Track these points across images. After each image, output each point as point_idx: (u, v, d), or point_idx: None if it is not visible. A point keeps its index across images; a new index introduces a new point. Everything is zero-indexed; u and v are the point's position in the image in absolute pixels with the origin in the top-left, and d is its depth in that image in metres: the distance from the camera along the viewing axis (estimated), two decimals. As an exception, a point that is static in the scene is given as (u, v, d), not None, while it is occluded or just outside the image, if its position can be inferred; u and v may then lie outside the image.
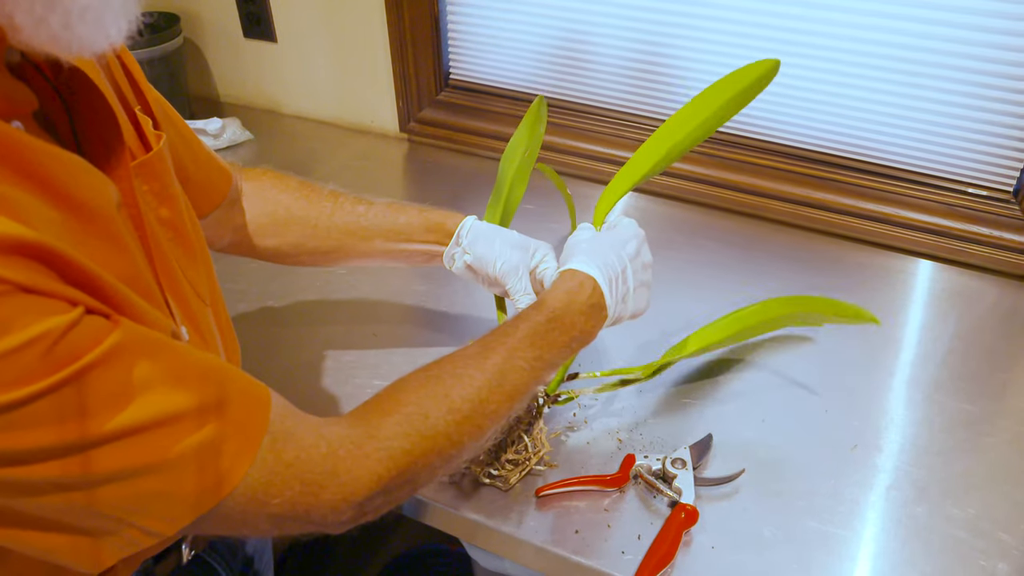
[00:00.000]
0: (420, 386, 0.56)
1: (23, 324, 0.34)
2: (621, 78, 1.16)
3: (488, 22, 1.19)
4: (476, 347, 0.60)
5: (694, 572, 0.65)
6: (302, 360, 0.88)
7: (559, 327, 0.62)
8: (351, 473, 0.49)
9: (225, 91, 1.46)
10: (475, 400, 0.56)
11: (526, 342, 0.60)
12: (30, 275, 0.35)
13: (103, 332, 0.38)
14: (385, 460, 0.50)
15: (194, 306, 0.54)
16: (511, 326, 0.61)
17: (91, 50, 0.39)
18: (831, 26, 0.99)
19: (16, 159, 0.37)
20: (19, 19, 0.36)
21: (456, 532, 0.74)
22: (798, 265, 1.04)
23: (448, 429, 0.54)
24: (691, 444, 0.75)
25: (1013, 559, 0.67)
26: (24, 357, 0.34)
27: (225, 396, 0.43)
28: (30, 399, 0.35)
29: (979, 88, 0.96)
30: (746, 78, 0.74)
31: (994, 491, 0.73)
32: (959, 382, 0.85)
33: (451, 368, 0.57)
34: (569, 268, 0.65)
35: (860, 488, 0.73)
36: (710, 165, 1.13)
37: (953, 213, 1.03)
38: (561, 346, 0.62)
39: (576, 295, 0.63)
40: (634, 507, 0.71)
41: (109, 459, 0.38)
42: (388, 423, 0.52)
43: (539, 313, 0.62)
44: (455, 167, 1.27)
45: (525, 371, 0.59)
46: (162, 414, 0.40)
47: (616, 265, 0.66)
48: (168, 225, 0.52)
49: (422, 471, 0.53)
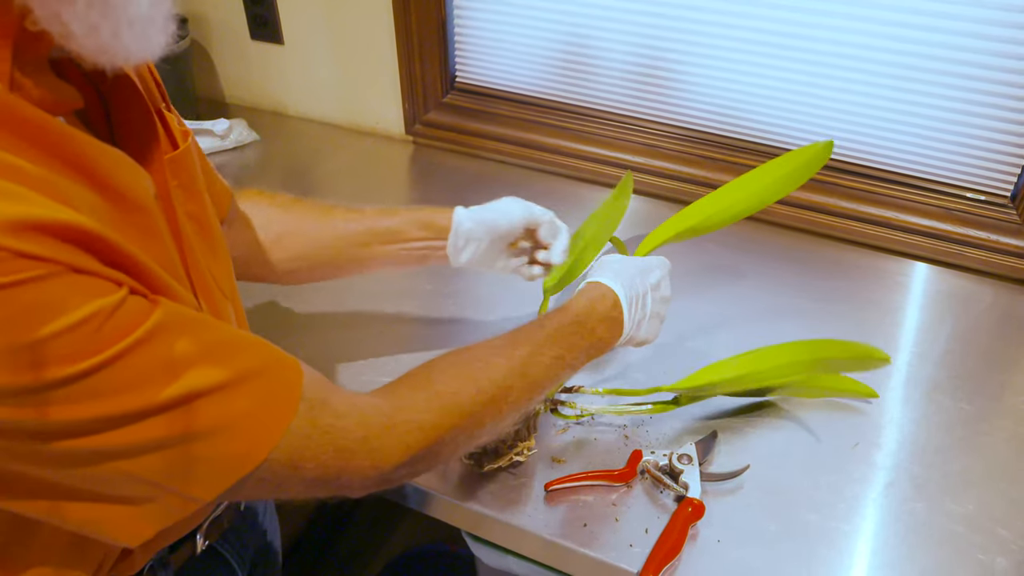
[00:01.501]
0: (450, 366, 0.59)
1: (76, 304, 0.36)
2: (625, 82, 1.17)
3: (494, 26, 1.20)
4: (505, 339, 0.63)
5: (700, 565, 0.67)
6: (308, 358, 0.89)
7: (580, 331, 0.66)
8: (381, 441, 0.51)
9: (231, 92, 1.48)
10: (500, 385, 0.58)
11: (551, 340, 0.63)
12: (78, 256, 0.37)
13: (146, 311, 0.40)
14: (414, 431, 0.53)
15: (217, 300, 0.55)
16: (538, 324, 0.65)
17: (134, 59, 0.41)
18: (831, 32, 1.01)
19: (64, 150, 0.39)
20: (74, 27, 0.38)
21: (465, 525, 0.75)
22: (798, 267, 1.06)
23: (473, 408, 0.57)
24: (696, 441, 0.76)
25: (1011, 554, 0.69)
26: (78, 334, 0.36)
27: (261, 365, 0.45)
28: (84, 374, 0.37)
29: (977, 94, 0.98)
30: (799, 158, 0.81)
31: (992, 488, 0.75)
32: (957, 382, 0.87)
33: (480, 353, 0.60)
34: (595, 280, 0.70)
35: (861, 484, 0.75)
36: (710, 168, 1.15)
37: (951, 217, 1.05)
38: (581, 349, 0.66)
39: (598, 304, 0.68)
40: (641, 502, 0.72)
41: (157, 428, 0.40)
42: (419, 397, 0.55)
43: (564, 315, 0.66)
44: (460, 169, 1.28)
45: (547, 367, 0.62)
46: (204, 385, 0.42)
47: (639, 287, 0.70)
48: (195, 220, 0.54)
49: (446, 446, 0.56)
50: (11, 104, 0.37)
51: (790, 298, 0.99)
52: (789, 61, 1.05)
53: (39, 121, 0.38)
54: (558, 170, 1.24)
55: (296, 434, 0.46)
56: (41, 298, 0.35)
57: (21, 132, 0.37)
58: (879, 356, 0.83)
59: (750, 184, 0.82)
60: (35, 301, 0.35)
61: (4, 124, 0.36)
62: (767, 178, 0.81)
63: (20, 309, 0.35)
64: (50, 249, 0.36)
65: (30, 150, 0.37)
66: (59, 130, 0.39)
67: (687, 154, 1.17)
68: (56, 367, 0.36)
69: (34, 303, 0.35)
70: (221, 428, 0.43)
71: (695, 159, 1.16)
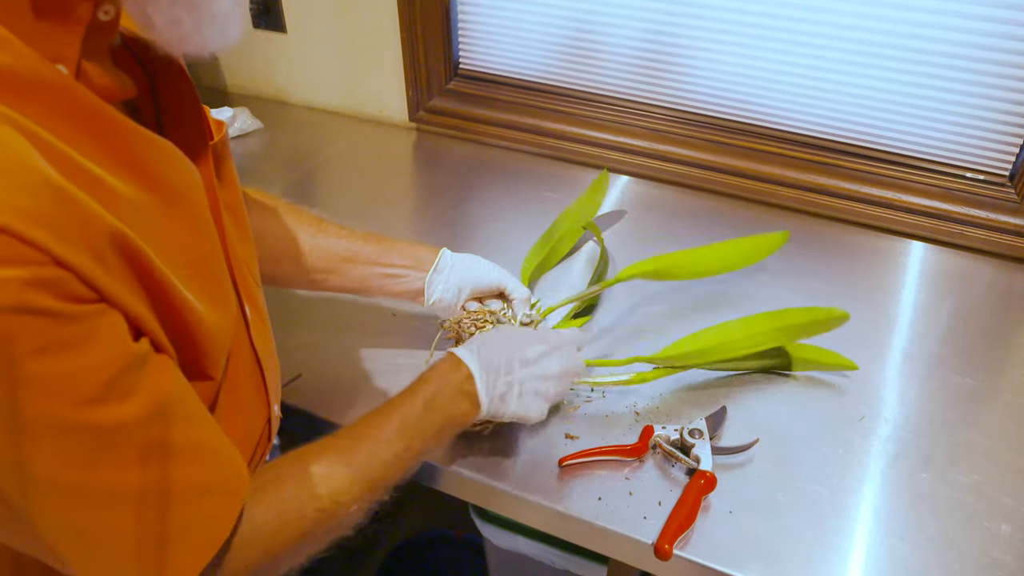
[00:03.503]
0: (293, 483, 0.55)
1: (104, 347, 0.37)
2: (628, 67, 1.18)
3: (497, 12, 1.21)
4: (346, 437, 0.60)
5: (713, 535, 0.68)
6: (322, 339, 0.90)
7: (430, 415, 0.63)
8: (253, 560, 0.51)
9: (233, 81, 1.48)
10: (337, 496, 0.56)
11: (397, 433, 0.61)
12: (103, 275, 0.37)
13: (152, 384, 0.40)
14: (263, 556, 0.52)
15: (252, 288, 0.56)
16: (384, 415, 0.62)
17: (210, 50, 0.43)
18: (833, 16, 1.02)
19: (117, 141, 0.39)
20: (157, 20, 0.39)
21: (479, 500, 0.76)
22: (800, 248, 1.07)
23: (315, 529, 0.55)
24: (706, 416, 0.78)
25: (1015, 520, 0.70)
26: (93, 378, 0.37)
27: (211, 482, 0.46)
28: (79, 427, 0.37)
29: (977, 75, 0.99)
30: (760, 242, 0.86)
31: (996, 458, 0.76)
32: (960, 356, 0.88)
33: (319, 457, 0.57)
34: (452, 351, 0.69)
35: (868, 456, 0.76)
36: (715, 152, 1.16)
37: (951, 197, 1.06)
38: (432, 434, 0.64)
39: (448, 378, 0.66)
40: (653, 475, 0.74)
41: (104, 513, 0.40)
42: (258, 514, 0.52)
43: (414, 401, 0.64)
44: (463, 155, 1.29)
45: (391, 464, 0.60)
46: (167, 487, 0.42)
47: (500, 361, 0.68)
48: (229, 208, 0.55)
49: (283, 562, 0.54)
50: (77, 93, 0.38)
51: (792, 278, 1.01)
52: (791, 44, 1.06)
53: (98, 111, 0.39)
54: (562, 155, 1.25)
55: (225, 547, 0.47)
56: (80, 335, 0.36)
57: (81, 122, 0.38)
58: (838, 315, 0.83)
59: (717, 253, 0.93)
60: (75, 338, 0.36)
61: (67, 113, 0.37)
62: (730, 252, 0.94)
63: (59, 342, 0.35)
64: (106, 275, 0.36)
65: (85, 140, 0.38)
66: (115, 120, 0.40)
67: (691, 138, 1.18)
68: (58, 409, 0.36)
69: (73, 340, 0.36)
70: (163, 536, 0.43)
71: (699, 143, 1.17)
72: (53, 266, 0.34)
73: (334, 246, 0.78)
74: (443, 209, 1.14)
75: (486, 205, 1.16)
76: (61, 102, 0.37)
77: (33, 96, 0.36)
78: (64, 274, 0.34)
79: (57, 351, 0.35)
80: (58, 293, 0.34)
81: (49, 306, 0.34)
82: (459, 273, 0.81)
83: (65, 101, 0.37)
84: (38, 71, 0.36)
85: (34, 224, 0.33)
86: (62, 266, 0.34)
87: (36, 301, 0.33)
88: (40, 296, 0.33)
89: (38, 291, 0.33)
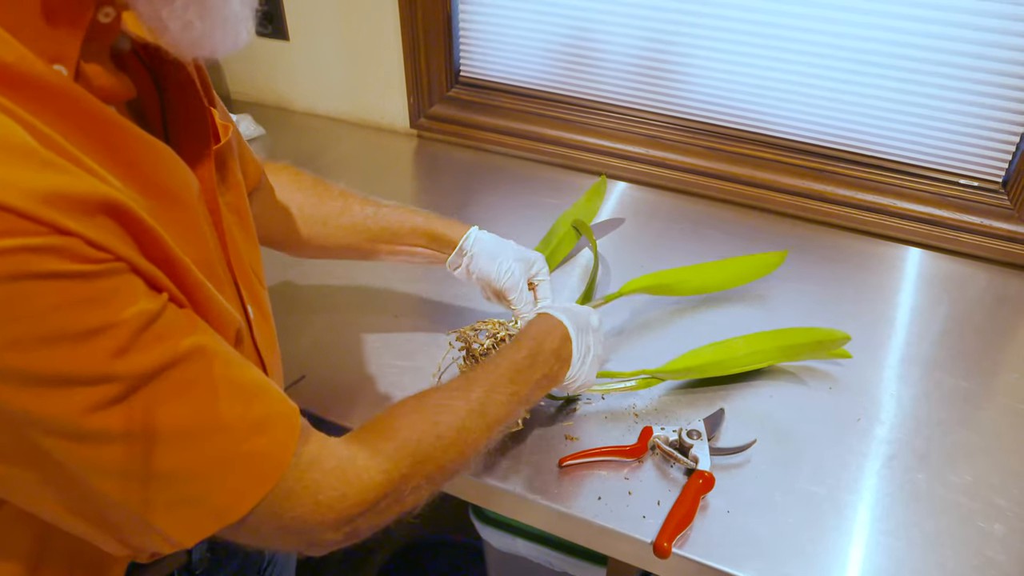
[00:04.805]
0: (413, 412, 0.58)
1: (126, 302, 0.38)
2: (627, 74, 1.20)
3: (498, 20, 1.23)
4: (461, 380, 0.64)
5: (712, 534, 0.69)
6: (326, 341, 0.91)
7: (533, 364, 0.67)
8: (356, 491, 0.51)
9: (235, 88, 1.49)
10: (460, 429, 0.59)
11: (506, 377, 0.64)
12: (131, 249, 0.38)
13: (183, 328, 0.41)
14: (383, 484, 0.52)
15: (255, 288, 0.57)
16: (493, 362, 0.66)
17: (220, 53, 0.43)
18: (828, 24, 1.04)
19: (114, 142, 0.40)
20: (171, 24, 0.40)
21: (480, 500, 0.77)
22: (797, 254, 1.08)
23: (436, 454, 0.57)
24: (705, 417, 0.79)
25: (1007, 520, 0.71)
26: (121, 332, 0.37)
27: (266, 415, 0.46)
28: (116, 378, 0.38)
29: (970, 83, 1.01)
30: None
31: (989, 459, 0.77)
32: (955, 359, 0.90)
33: (439, 398, 0.60)
34: (544, 312, 0.72)
35: (864, 457, 0.77)
36: (712, 158, 1.18)
37: (945, 203, 1.08)
38: (534, 383, 0.67)
39: (548, 337, 0.69)
40: (652, 475, 0.75)
41: (160, 457, 0.41)
42: (387, 448, 0.54)
43: (518, 351, 0.67)
44: (464, 162, 1.30)
45: (503, 404, 0.63)
46: (214, 423, 0.43)
47: (583, 322, 0.73)
48: (233, 210, 0.56)
49: (410, 493, 0.56)
50: (75, 94, 0.38)
51: (791, 282, 1.02)
52: (787, 54, 1.08)
53: (96, 111, 0.39)
54: (561, 161, 1.27)
55: (282, 489, 0.47)
56: (98, 291, 0.37)
57: (79, 122, 0.38)
58: (840, 337, 0.86)
59: (717, 271, 0.98)
60: (93, 294, 0.36)
61: (65, 113, 0.38)
62: (731, 270, 0.99)
63: (77, 299, 0.36)
64: (114, 238, 0.37)
65: (84, 140, 0.38)
66: (112, 121, 0.40)
67: (688, 145, 1.20)
68: (91, 363, 0.37)
69: (91, 295, 0.36)
70: (217, 472, 0.43)
71: (696, 149, 1.19)
72: (57, 235, 0.34)
73: (360, 225, 0.81)
74: (444, 214, 1.14)
75: (486, 210, 1.18)
76: (59, 101, 0.37)
77: (32, 93, 0.36)
78: (70, 240, 0.35)
79: (80, 307, 0.36)
80: (68, 256, 0.35)
81: (62, 268, 0.35)
82: (481, 263, 0.82)
83: (63, 101, 0.38)
84: (37, 70, 0.36)
85: (34, 199, 0.33)
86: (67, 234, 0.35)
87: (45, 265, 0.34)
88: (50, 260, 0.34)
89: (46, 257, 0.34)
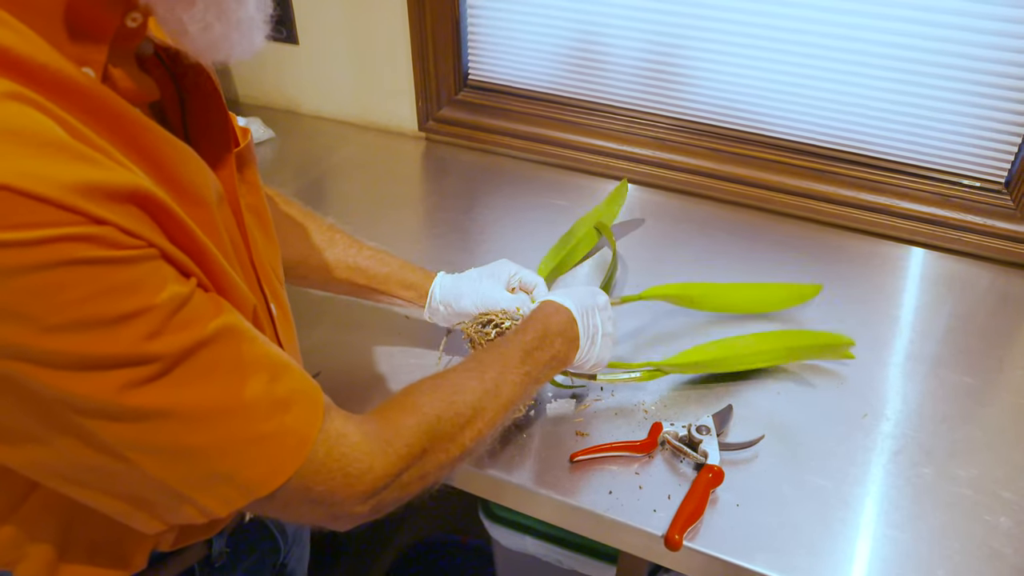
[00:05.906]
0: (431, 391, 0.60)
1: (157, 287, 0.39)
2: (633, 77, 1.21)
3: (507, 24, 1.24)
4: (476, 361, 0.66)
5: (721, 527, 0.71)
6: (339, 338, 0.92)
7: (543, 344, 0.69)
8: (381, 464, 0.53)
9: (244, 92, 1.51)
10: (476, 407, 0.61)
11: (518, 358, 0.67)
12: (161, 237, 0.39)
13: (212, 311, 0.43)
14: (406, 457, 0.54)
15: (276, 287, 0.59)
16: (504, 344, 0.68)
17: (236, 56, 0.45)
18: (831, 26, 1.05)
19: (139, 142, 0.42)
20: (191, 27, 0.42)
21: (492, 495, 0.78)
22: (800, 254, 1.10)
23: (454, 432, 0.59)
24: (713, 413, 0.80)
25: (1013, 513, 0.73)
26: (154, 316, 0.39)
27: (290, 391, 0.48)
28: (150, 359, 0.39)
29: (972, 84, 1.02)
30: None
31: (994, 454, 0.79)
32: (959, 357, 0.91)
33: (455, 378, 0.63)
34: (547, 299, 0.74)
35: (871, 452, 0.78)
36: (717, 160, 1.19)
37: (947, 203, 1.09)
38: (544, 364, 0.69)
39: (553, 319, 0.71)
40: (662, 470, 0.76)
41: (193, 433, 0.42)
42: (409, 423, 0.56)
43: (527, 333, 0.70)
44: (472, 164, 1.32)
45: (517, 384, 0.65)
46: (243, 400, 0.44)
47: (588, 303, 0.74)
48: (253, 212, 0.57)
49: (432, 469, 0.57)
50: (103, 94, 0.40)
51: (796, 280, 1.03)
52: (792, 55, 1.10)
53: (122, 111, 0.41)
54: (568, 164, 1.28)
55: (312, 463, 0.48)
56: (132, 277, 0.38)
57: (107, 121, 0.40)
58: (844, 341, 0.88)
59: (745, 294, 0.97)
60: (127, 279, 0.38)
61: (94, 111, 0.39)
62: (760, 296, 0.97)
63: (112, 284, 0.37)
64: (144, 227, 0.39)
65: (112, 138, 0.40)
66: (139, 121, 0.42)
67: (693, 146, 1.21)
68: (127, 345, 0.38)
69: (126, 281, 0.38)
70: (248, 447, 0.45)
71: (701, 151, 1.20)
72: (93, 224, 0.36)
73: (342, 260, 0.82)
74: (452, 216, 1.17)
75: (494, 212, 1.19)
76: (88, 100, 0.39)
77: (63, 92, 0.38)
78: (105, 229, 0.36)
79: (116, 293, 0.37)
80: (104, 244, 0.36)
81: (98, 255, 0.36)
82: (451, 307, 0.83)
83: (92, 100, 0.39)
84: (68, 71, 0.38)
85: (69, 191, 0.35)
86: (102, 223, 0.36)
87: (82, 252, 0.36)
88: (86, 248, 0.36)
89: (82, 245, 0.36)
